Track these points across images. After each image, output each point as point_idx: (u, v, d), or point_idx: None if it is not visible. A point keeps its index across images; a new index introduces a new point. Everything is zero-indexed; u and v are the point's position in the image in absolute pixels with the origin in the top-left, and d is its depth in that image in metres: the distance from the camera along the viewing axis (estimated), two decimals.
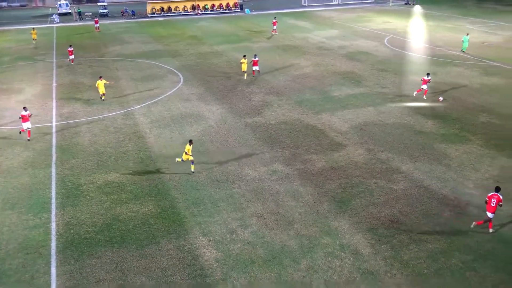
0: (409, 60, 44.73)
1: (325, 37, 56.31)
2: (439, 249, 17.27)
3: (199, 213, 19.89)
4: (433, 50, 48.39)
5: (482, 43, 50.90)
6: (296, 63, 44.43)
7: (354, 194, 21.11)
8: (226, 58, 47.11)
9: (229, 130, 28.79)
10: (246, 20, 70.33)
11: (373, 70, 41.44)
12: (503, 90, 35.21)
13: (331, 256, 16.98)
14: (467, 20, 65.72)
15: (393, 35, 56.53)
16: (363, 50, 49.31)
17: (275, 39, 55.56)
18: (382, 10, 78.38)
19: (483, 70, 40.72)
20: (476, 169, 23.21)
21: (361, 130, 28.30)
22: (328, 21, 68.21)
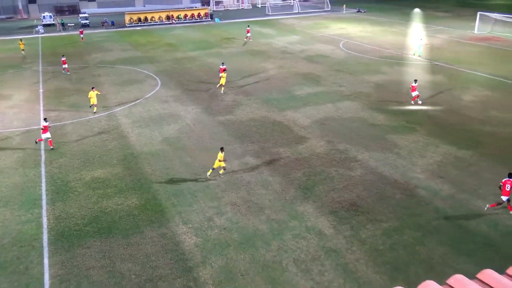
0: (361, 61, 45.23)
1: (288, 42, 56.40)
2: (393, 227, 17.57)
3: (179, 203, 19.69)
4: (382, 52, 49.07)
5: (425, 45, 51.86)
6: (262, 66, 44.37)
7: (317, 182, 21.25)
8: (199, 63, 46.67)
9: (204, 127, 28.55)
10: (216, 28, 69.81)
11: (331, 71, 41.74)
12: (443, 86, 35.99)
13: (298, 237, 17.06)
14: (410, 25, 66.78)
15: (347, 40, 57.05)
16: (321, 53, 49.60)
17: (244, 45, 55.34)
18: (337, 17, 78.99)
19: (426, 69, 41.52)
20: (423, 156, 23.67)
21: (322, 125, 28.49)
22: (290, 28, 68.33)
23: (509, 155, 23.48)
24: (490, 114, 29.50)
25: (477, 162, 22.86)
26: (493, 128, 27.19)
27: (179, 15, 77.42)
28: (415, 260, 15.69)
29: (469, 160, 23.06)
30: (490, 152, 23.88)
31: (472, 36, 56.97)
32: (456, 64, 42.65)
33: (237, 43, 56.72)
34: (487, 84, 36.12)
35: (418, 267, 15.31)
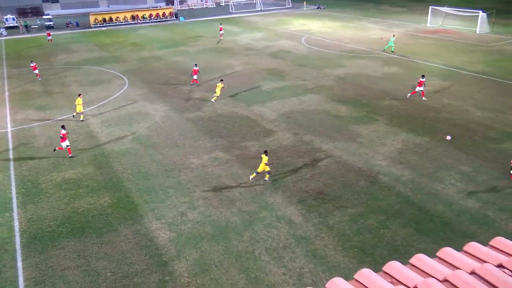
0: (323, 56, 45.68)
1: (252, 39, 56.31)
2: (358, 213, 17.91)
3: (151, 200, 19.43)
4: (342, 46, 49.69)
5: (381, 39, 52.86)
6: (228, 63, 44.17)
7: (285, 173, 21.40)
8: (165, 61, 46.00)
9: (173, 125, 28.23)
10: (181, 27, 68.92)
11: (294, 66, 41.98)
12: (400, 77, 36.82)
13: (269, 227, 17.17)
14: (368, 20, 67.91)
15: (309, 35, 57.47)
16: (284, 49, 49.78)
17: (209, 43, 54.91)
18: (298, 14, 79.39)
19: (384, 61, 42.36)
20: (384, 144, 24.19)
21: (288, 118, 28.66)
22: (254, 25, 68.23)
23: (462, 140, 24.30)
24: (444, 102, 30.40)
25: (434, 147, 23.55)
26: (447, 115, 28.05)
27: (144, 15, 75.97)
28: (380, 242, 16.06)
29: (426, 146, 23.73)
30: (445, 138, 24.62)
31: (425, 29, 58.44)
32: (412, 56, 43.67)
33: (203, 41, 56.21)
34: (441, 74, 37.19)
35: (383, 249, 15.69)
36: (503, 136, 24.65)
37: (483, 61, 40.96)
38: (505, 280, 5.25)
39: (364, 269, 5.97)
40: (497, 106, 29.26)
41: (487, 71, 37.38)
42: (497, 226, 16.72)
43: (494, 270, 5.41)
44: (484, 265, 5.53)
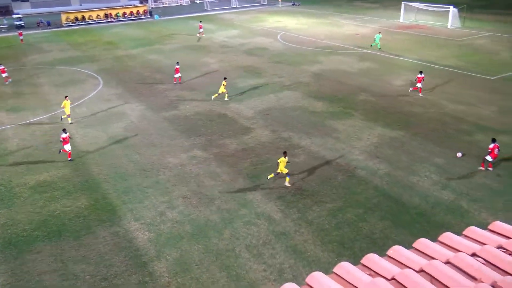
0: (299, 52, 45.90)
1: (227, 37, 56.14)
2: (337, 207, 18.12)
3: (129, 200, 19.22)
4: (317, 43, 50.05)
5: (356, 35, 53.46)
6: (204, 60, 43.94)
7: (264, 169, 21.46)
8: (140, 60, 45.45)
9: (150, 124, 27.95)
10: (156, 25, 68.16)
11: (270, 63, 42.06)
12: (375, 72, 37.33)
13: (249, 224, 17.20)
14: (342, 16, 68.56)
15: (285, 32, 57.64)
16: (260, 46, 49.82)
17: (184, 41, 54.48)
18: (273, 11, 79.53)
19: (359, 57, 42.86)
20: (360, 139, 24.51)
21: (265, 115, 28.73)
22: (229, 22, 68.01)
23: (436, 133, 24.83)
24: (417, 96, 30.96)
25: (409, 141, 23.99)
26: (421, 109, 28.60)
27: (117, 13, 74.79)
28: (359, 236, 16.29)
29: (401, 140, 24.15)
30: (420, 131, 25.13)
31: (398, 25, 59.35)
32: (386, 52, 44.31)
33: (178, 39, 55.73)
34: (414, 69, 37.81)
35: (362, 242, 15.92)
36: (475, 128, 25.28)
37: (455, 55, 41.87)
38: (478, 268, 5.41)
39: (343, 263, 6.06)
40: (469, 99, 29.97)
41: (459, 65, 38.23)
42: (471, 216, 17.16)
43: (468, 259, 5.56)
44: (458, 255, 5.69)
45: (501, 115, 26.90)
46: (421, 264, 5.71)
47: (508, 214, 16.74)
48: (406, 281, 5.39)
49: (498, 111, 27.60)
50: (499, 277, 5.25)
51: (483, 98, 29.95)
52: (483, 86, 32.49)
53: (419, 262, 5.79)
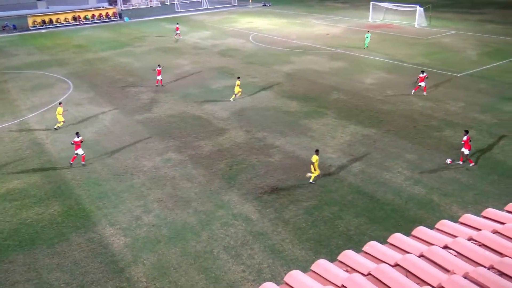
0: (271, 53, 46.10)
1: (199, 38, 55.87)
2: (312, 205, 18.29)
3: (104, 205, 18.91)
4: (289, 43, 50.38)
5: (326, 35, 54.07)
6: (176, 62, 43.60)
7: (239, 170, 21.47)
8: (111, 63, 44.73)
9: (123, 127, 27.56)
10: (126, 27, 67.22)
11: (243, 63, 42.10)
12: (346, 71, 37.86)
13: (226, 225, 17.19)
14: (313, 17, 69.19)
15: (256, 33, 57.78)
16: (233, 47, 49.79)
17: (155, 43, 53.90)
18: (245, 11, 79.61)
19: (330, 56, 43.37)
20: (333, 137, 24.81)
21: (239, 115, 28.74)
22: (200, 23, 67.69)
23: (407, 129, 25.38)
24: (388, 94, 31.58)
25: (381, 138, 24.44)
26: (391, 106, 29.17)
27: (86, 16, 73.37)
28: (335, 233, 16.50)
29: (374, 137, 24.58)
30: (391, 128, 25.63)
31: (367, 24, 60.29)
32: (356, 50, 44.99)
33: (149, 41, 55.11)
34: (384, 67, 38.58)
35: (339, 239, 16.13)
36: (443, 124, 25.96)
37: (422, 53, 42.87)
38: (450, 260, 5.57)
39: (320, 260, 6.14)
40: (436, 96, 30.74)
41: (426, 63, 39.16)
42: (442, 210, 17.62)
43: (440, 252, 5.72)
44: (431, 248, 5.84)
45: (468, 111, 27.70)
46: (396, 258, 5.85)
47: (478, 207, 17.26)
48: (382, 276, 5.51)
49: (464, 106, 28.41)
50: (470, 268, 5.42)
51: (450, 95, 30.78)
52: (450, 83, 33.39)
53: (394, 256, 5.92)
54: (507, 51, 42.05)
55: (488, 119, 26.25)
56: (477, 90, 31.50)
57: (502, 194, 18.40)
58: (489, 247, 5.83)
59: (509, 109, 27.60)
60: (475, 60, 39.74)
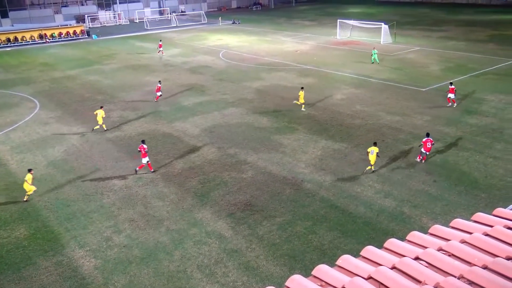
0: (241, 69, 46.42)
1: (169, 55, 55.77)
2: (286, 221, 18.31)
3: (73, 227, 18.37)
4: (259, 60, 50.89)
5: (295, 51, 54.94)
6: (146, 80, 43.30)
7: (212, 187, 21.34)
8: (80, 81, 44.02)
9: (92, 146, 27.02)
10: (95, 45, 66.48)
11: (214, 80, 42.20)
12: (315, 87, 38.46)
13: (199, 244, 16.98)
14: (282, 34, 70.22)
15: (226, 50, 58.16)
16: (203, 64, 49.90)
17: (125, 60, 53.46)
18: (214, 29, 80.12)
19: (299, 72, 44.02)
20: (305, 152, 25.04)
21: (211, 132, 28.68)
22: (170, 41, 67.63)
23: (377, 144, 25.82)
24: (356, 108, 32.22)
25: (351, 152, 24.82)
26: (361, 121, 29.76)
27: (53, 34, 72.17)
28: (309, 248, 16.54)
29: (344, 151, 24.95)
30: (361, 142, 26.09)
31: (335, 41, 61.68)
32: (325, 67, 45.85)
33: (118, 59, 54.61)
34: (352, 83, 39.42)
35: (313, 254, 16.16)
36: (410, 137, 26.63)
37: (389, 69, 44.08)
38: (422, 271, 5.67)
39: (294, 276, 6.14)
40: (403, 110, 31.58)
41: (393, 78, 40.27)
42: (413, 222, 17.96)
43: (412, 263, 5.82)
44: (403, 259, 5.94)
45: (434, 124, 28.53)
46: (369, 271, 5.91)
47: (446, 217, 17.68)
48: None
49: (430, 120, 29.25)
50: (441, 278, 5.53)
51: (416, 109, 31.67)
52: (416, 97, 34.38)
53: (367, 269, 5.98)
54: (468, 67, 43.75)
55: (453, 131, 27.10)
56: (441, 104, 32.53)
57: (469, 205, 18.94)
58: (458, 257, 5.98)
59: (472, 121, 28.59)
60: (439, 75, 41.13)
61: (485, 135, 26.33)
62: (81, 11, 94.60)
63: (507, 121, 28.46)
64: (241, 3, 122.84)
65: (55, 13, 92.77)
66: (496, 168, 22.23)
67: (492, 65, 43.83)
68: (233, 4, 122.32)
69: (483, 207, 18.17)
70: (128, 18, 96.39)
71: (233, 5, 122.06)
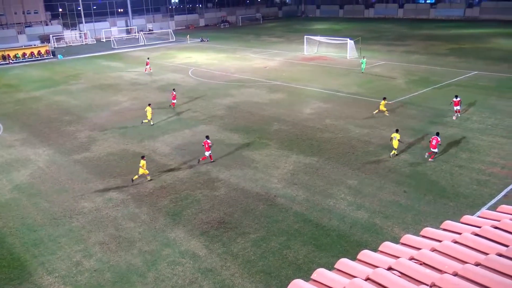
0: (211, 87, 46.50)
1: (138, 74, 55.35)
2: (260, 237, 18.25)
3: (40, 253, 17.74)
4: (229, 77, 51.16)
5: (264, 68, 55.55)
6: (114, 99, 42.75)
7: (184, 206, 21.10)
8: (46, 102, 43.05)
9: (59, 168, 26.34)
10: (61, 65, 65.32)
11: (184, 98, 42.06)
12: (285, 102, 38.88)
13: (173, 264, 16.68)
14: (250, 51, 70.99)
15: (195, 67, 58.23)
16: (172, 82, 49.73)
17: (92, 80, 52.69)
18: (183, 47, 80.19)
19: (269, 88, 44.44)
20: (277, 167, 25.15)
21: (182, 150, 28.47)
22: (138, 60, 67.19)
23: (346, 156, 26.27)
24: (326, 122, 32.71)
25: (322, 166, 25.09)
26: (331, 134, 30.20)
27: (16, 54, 70.53)
28: (284, 263, 16.50)
29: (316, 165, 25.19)
30: (332, 156, 26.43)
31: (303, 57, 62.76)
32: (293, 82, 46.48)
33: (85, 79, 53.78)
34: (321, 97, 40.06)
35: (288, 269, 16.12)
36: (380, 149, 27.18)
37: (355, 83, 45.08)
38: (394, 281, 5.75)
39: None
40: (371, 123, 32.26)
41: (360, 92, 41.18)
42: (385, 232, 18.22)
43: (385, 273, 5.90)
44: (376, 270, 6.01)
45: (401, 136, 29.15)
46: (343, 283, 5.94)
47: (417, 226, 18.04)
48: None
49: (398, 132, 29.91)
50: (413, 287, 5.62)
51: (384, 121, 32.41)
52: None
53: (341, 282, 6.01)
54: (430, 79, 45.25)
55: (420, 142, 27.82)
56: (407, 116, 33.43)
57: (438, 213, 19.39)
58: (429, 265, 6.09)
59: (437, 132, 29.40)
60: (404, 88, 42.34)
61: (450, 145, 27.15)
62: (46, 31, 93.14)
63: (470, 131, 29.48)
64: (209, 21, 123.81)
65: (18, 33, 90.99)
66: (462, 177, 22.92)
67: (453, 77, 45.50)
68: (201, 22, 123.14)
69: (451, 215, 18.65)
70: (95, 38, 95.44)
71: (201, 23, 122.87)
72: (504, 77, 44.91)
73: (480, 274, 5.47)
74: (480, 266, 5.73)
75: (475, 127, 30.09)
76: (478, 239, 6.49)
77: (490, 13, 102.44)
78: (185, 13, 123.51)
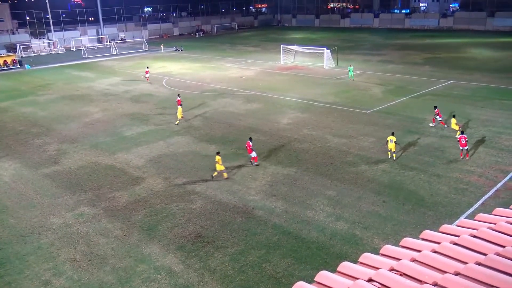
0: (186, 97, 46.25)
1: (109, 84, 54.73)
2: (238, 251, 18.15)
3: (6, 272, 17.19)
4: (204, 87, 51.10)
5: (240, 77, 55.75)
6: (85, 110, 42.11)
7: (159, 220, 20.83)
8: (12, 113, 42.06)
9: (27, 183, 25.68)
10: (28, 75, 64.05)
11: (157, 108, 41.77)
12: (262, 112, 39.05)
13: (148, 281, 16.41)
14: (226, 60, 71.19)
15: (170, 77, 57.97)
16: (146, 92, 49.36)
17: (61, 90, 51.80)
18: (156, 56, 79.82)
19: (245, 98, 44.57)
20: (255, 179, 25.14)
21: (156, 162, 28.18)
22: (110, 69, 66.51)
23: (325, 166, 26.49)
24: (304, 132, 32.97)
25: (301, 176, 25.22)
26: (309, 145, 30.43)
27: None
28: (264, 277, 16.43)
29: (294, 176, 25.30)
30: (310, 166, 26.61)
31: (279, 66, 63.30)
32: (270, 92, 46.77)
33: (54, 89, 52.84)
34: (298, 107, 40.40)
35: (267, 283, 16.06)
36: (358, 159, 27.52)
37: (332, 92, 45.68)
38: None
39: None
40: (349, 132, 32.69)
41: (337, 102, 41.73)
42: (365, 243, 18.38)
43: (365, 285, 5.94)
44: (357, 282, 6.05)
45: (379, 145, 29.69)
46: None
47: (397, 237, 18.26)
48: None
49: (375, 141, 30.42)
50: None
51: (361, 131, 32.89)
52: (360, 120, 35.75)
53: None
54: (407, 88, 46.26)
55: (398, 152, 28.31)
56: (385, 125, 34.02)
57: (417, 223, 19.70)
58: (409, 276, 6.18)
59: (415, 141, 30.03)
60: (381, 97, 43.13)
61: (427, 154, 27.72)
62: (12, 40, 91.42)
63: (447, 140, 30.19)
64: (184, 30, 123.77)
65: None
66: (440, 186, 23.39)
67: (429, 86, 46.65)
68: (175, 31, 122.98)
69: (430, 225, 18.98)
70: (64, 47, 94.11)
71: (175, 32, 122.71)
72: (478, 86, 46.31)
73: (459, 283, 5.58)
74: (460, 275, 5.85)
75: (452, 136, 30.84)
76: (457, 248, 6.62)
77: (463, 23, 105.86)
78: (158, 22, 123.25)
